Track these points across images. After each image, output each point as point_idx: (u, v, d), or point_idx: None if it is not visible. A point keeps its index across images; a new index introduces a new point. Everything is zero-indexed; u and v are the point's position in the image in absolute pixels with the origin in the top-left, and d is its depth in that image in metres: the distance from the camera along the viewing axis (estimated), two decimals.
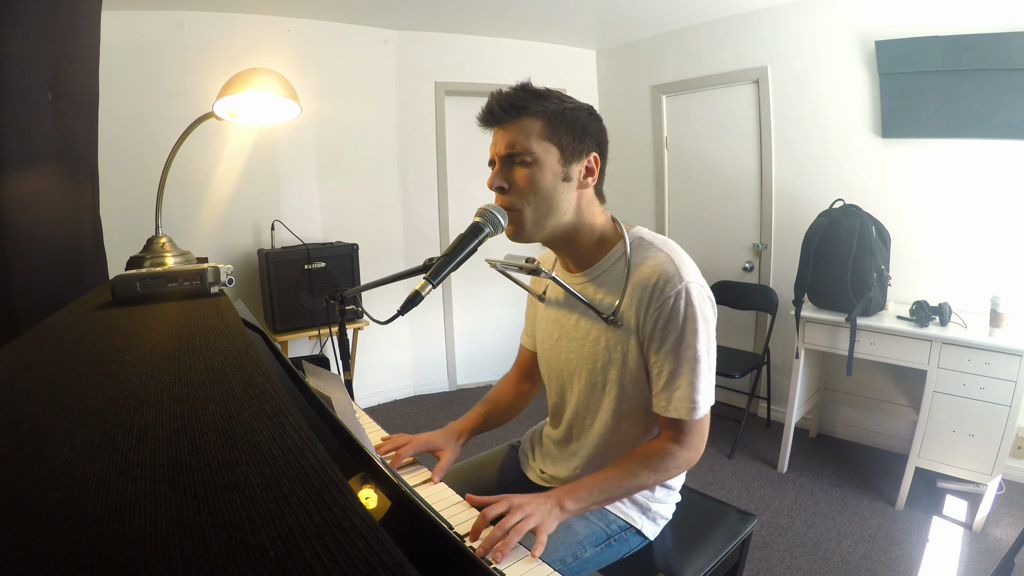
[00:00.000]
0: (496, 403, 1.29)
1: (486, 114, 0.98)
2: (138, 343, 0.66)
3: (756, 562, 1.95)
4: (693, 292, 0.96)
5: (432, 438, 1.16)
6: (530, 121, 0.95)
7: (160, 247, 1.52)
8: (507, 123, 0.96)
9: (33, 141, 0.93)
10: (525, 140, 0.95)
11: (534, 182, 0.96)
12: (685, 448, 0.99)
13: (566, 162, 0.97)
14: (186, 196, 2.84)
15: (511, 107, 0.95)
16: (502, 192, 0.98)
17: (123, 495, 0.31)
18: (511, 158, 0.97)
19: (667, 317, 0.96)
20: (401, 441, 1.15)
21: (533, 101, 0.96)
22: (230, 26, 2.87)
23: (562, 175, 0.97)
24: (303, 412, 0.60)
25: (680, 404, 0.97)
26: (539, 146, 0.95)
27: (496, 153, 0.99)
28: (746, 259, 3.25)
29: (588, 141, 0.99)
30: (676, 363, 0.97)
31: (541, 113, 0.96)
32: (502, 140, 0.97)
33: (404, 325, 3.58)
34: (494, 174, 0.99)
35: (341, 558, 0.25)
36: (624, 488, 0.99)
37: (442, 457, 1.13)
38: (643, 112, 3.60)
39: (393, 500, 0.56)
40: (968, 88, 2.32)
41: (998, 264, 2.39)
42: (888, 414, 2.74)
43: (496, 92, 0.98)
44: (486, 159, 1.03)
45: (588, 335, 1.07)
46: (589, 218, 1.03)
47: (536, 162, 0.95)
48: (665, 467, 0.99)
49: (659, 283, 0.96)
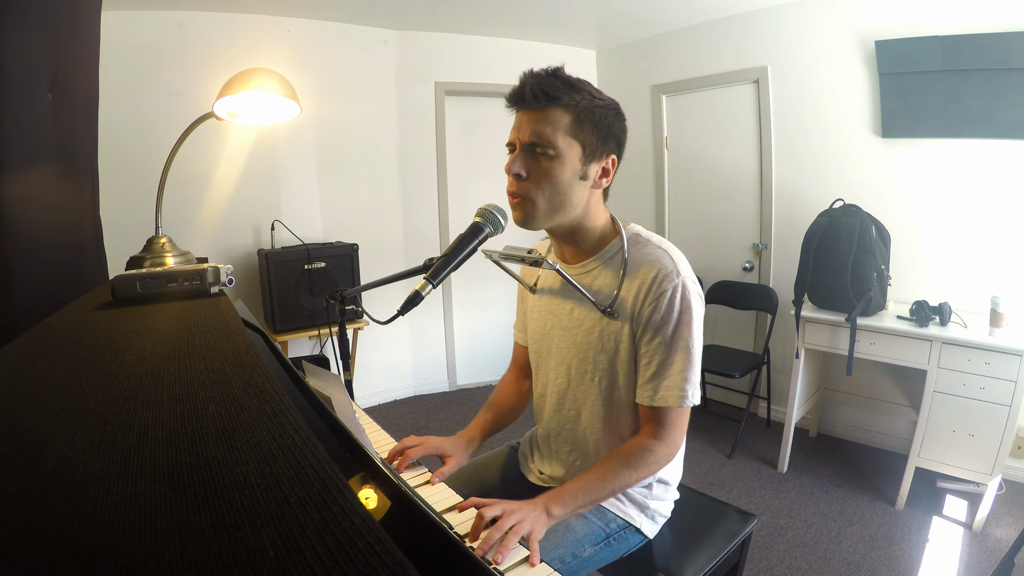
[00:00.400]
0: (500, 407, 1.29)
1: (516, 95, 0.97)
2: (138, 343, 0.66)
3: (756, 562, 1.95)
4: (688, 288, 0.98)
5: (442, 443, 1.15)
6: (559, 113, 0.95)
7: (160, 247, 1.52)
8: (536, 110, 0.95)
9: (33, 141, 0.93)
10: (552, 133, 0.94)
11: (553, 176, 0.96)
12: (664, 443, 1.01)
13: (586, 161, 0.98)
14: (186, 196, 2.84)
15: (543, 94, 0.94)
16: (519, 179, 0.97)
17: (123, 495, 0.31)
18: (533, 147, 0.96)
19: (663, 311, 0.98)
20: (411, 443, 1.14)
21: (566, 92, 0.94)
22: (230, 26, 2.88)
23: (580, 173, 0.98)
24: (303, 412, 0.60)
25: (669, 392, 0.99)
26: (564, 141, 0.95)
27: (519, 138, 0.98)
28: (746, 259, 3.25)
29: (611, 143, 1.00)
30: (668, 353, 0.99)
31: (572, 107, 0.95)
32: (528, 126, 0.96)
33: (404, 325, 3.58)
34: (513, 159, 0.98)
35: (341, 558, 0.25)
36: (608, 489, 1.00)
37: (448, 463, 1.12)
38: (643, 112, 3.60)
39: (393, 500, 0.56)
40: (968, 88, 2.32)
41: (998, 264, 2.39)
42: (888, 414, 2.74)
43: (528, 73, 0.96)
44: (486, 159, 1.03)
45: (582, 324, 1.08)
46: (593, 216, 1.05)
47: (558, 157, 0.95)
48: (646, 463, 1.01)
49: (657, 277, 0.98)
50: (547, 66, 0.97)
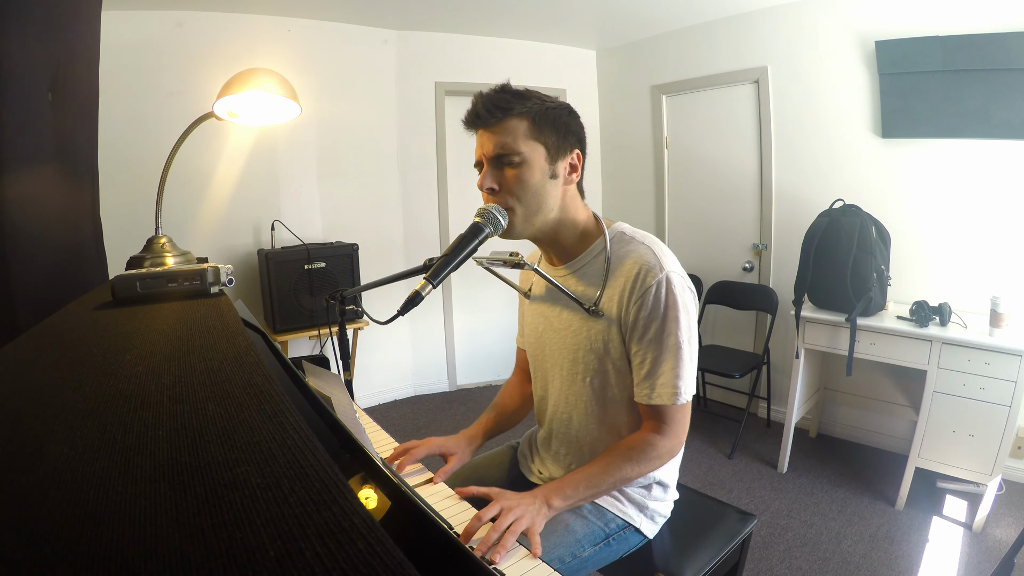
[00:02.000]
0: (503, 408, 1.30)
1: (472, 116, 1.00)
2: (138, 343, 0.66)
3: (756, 562, 1.95)
4: (674, 281, 0.99)
5: (444, 442, 1.16)
6: (516, 122, 0.98)
7: (160, 247, 1.52)
8: (493, 125, 0.98)
9: (33, 141, 0.93)
10: (513, 141, 0.97)
11: (524, 181, 0.98)
12: (667, 437, 1.01)
13: (552, 160, 1.00)
14: (186, 196, 2.84)
15: (496, 108, 0.97)
16: (492, 193, 1.00)
17: (123, 495, 0.31)
18: (499, 159, 0.98)
19: (649, 307, 0.98)
20: (412, 445, 1.15)
21: (516, 102, 0.98)
22: (230, 26, 2.88)
23: (549, 172, 1.00)
24: (303, 412, 0.60)
25: (663, 390, 0.99)
26: (527, 146, 0.98)
27: (484, 155, 1.00)
28: (746, 259, 3.25)
29: (571, 138, 1.03)
30: (659, 351, 0.99)
31: (526, 113, 0.98)
32: (489, 142, 0.99)
33: (404, 325, 3.59)
34: (484, 175, 1.00)
35: (341, 558, 0.25)
36: (609, 482, 1.00)
37: (450, 461, 1.14)
38: (643, 112, 3.60)
39: (393, 500, 0.56)
40: (968, 88, 2.32)
41: (998, 264, 2.39)
42: (888, 414, 2.74)
43: (479, 94, 1.00)
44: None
45: (570, 326, 1.09)
46: (572, 213, 1.06)
47: (525, 162, 0.98)
48: (648, 458, 1.01)
49: (640, 273, 0.99)
50: (493, 85, 1.01)
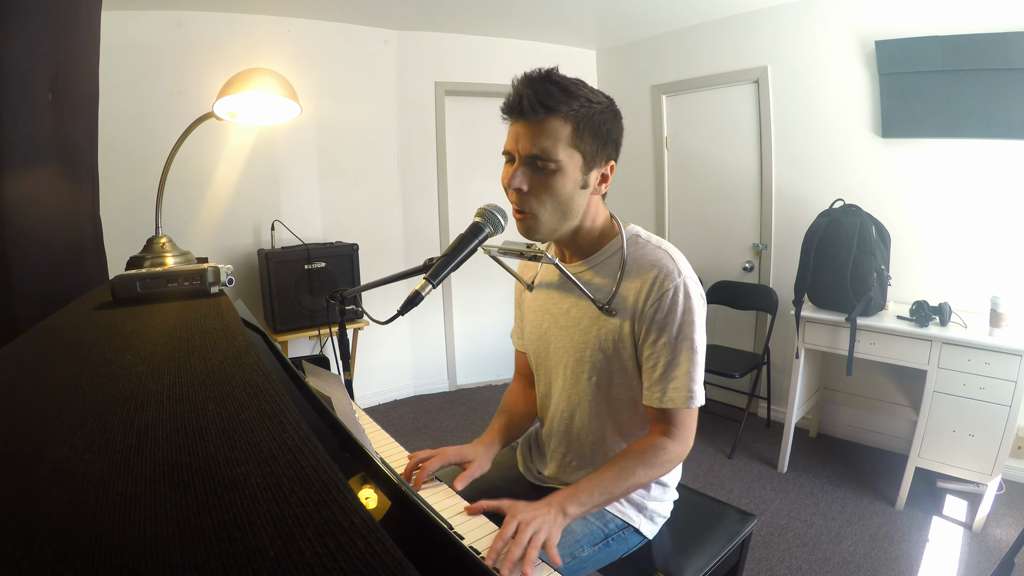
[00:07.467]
0: (512, 412, 1.26)
1: (514, 106, 0.93)
2: (138, 343, 0.66)
3: (756, 562, 1.95)
4: (691, 287, 0.98)
5: (461, 450, 1.11)
6: (559, 124, 0.92)
7: (160, 247, 1.52)
8: (534, 121, 0.92)
9: (33, 141, 0.93)
10: (552, 146, 0.92)
11: (555, 190, 0.94)
12: (676, 442, 1.01)
13: (587, 170, 0.96)
14: (186, 196, 2.84)
15: (540, 105, 0.91)
16: (520, 193, 0.96)
17: (123, 495, 0.31)
18: (534, 160, 0.94)
19: (666, 310, 0.97)
20: (426, 455, 1.09)
21: (564, 100, 0.91)
22: (230, 26, 2.87)
23: (581, 182, 0.96)
24: (303, 412, 0.60)
25: (676, 394, 0.98)
26: (565, 153, 0.93)
27: (519, 151, 0.95)
28: (746, 259, 3.25)
29: (609, 147, 0.98)
30: (673, 354, 0.98)
31: (572, 116, 0.92)
32: (527, 139, 0.93)
33: (404, 325, 3.58)
34: (513, 173, 0.95)
35: (341, 558, 0.25)
36: (623, 487, 0.99)
37: (469, 467, 1.08)
38: (643, 112, 3.60)
39: (393, 500, 0.56)
40: (968, 88, 2.32)
41: (998, 264, 2.39)
42: (888, 414, 2.74)
43: (524, 79, 0.93)
44: (486, 159, 1.02)
45: (579, 323, 1.07)
46: (592, 216, 1.04)
47: (560, 170, 0.93)
48: (660, 462, 1.00)
49: (659, 277, 0.98)
50: (540, 69, 0.94)
